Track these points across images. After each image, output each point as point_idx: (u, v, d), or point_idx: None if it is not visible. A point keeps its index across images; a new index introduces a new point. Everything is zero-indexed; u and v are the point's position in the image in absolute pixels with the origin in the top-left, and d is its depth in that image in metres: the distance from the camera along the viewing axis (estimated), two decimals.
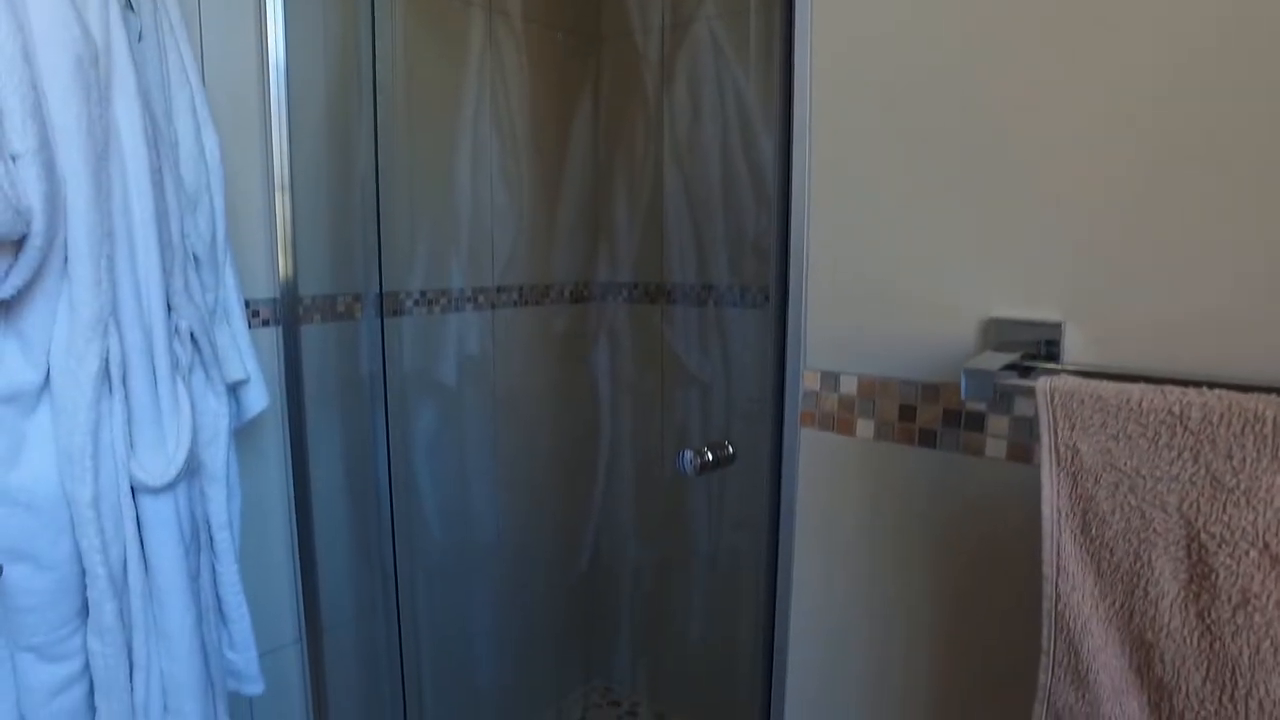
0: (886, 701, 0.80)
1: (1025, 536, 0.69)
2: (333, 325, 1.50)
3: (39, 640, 0.82)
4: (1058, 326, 0.67)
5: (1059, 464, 0.57)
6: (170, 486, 0.89)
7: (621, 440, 1.98)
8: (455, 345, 1.78)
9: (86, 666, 0.86)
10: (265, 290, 1.38)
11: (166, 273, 0.90)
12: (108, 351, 0.82)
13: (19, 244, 0.75)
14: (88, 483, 0.80)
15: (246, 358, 1.15)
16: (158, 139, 0.89)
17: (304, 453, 1.47)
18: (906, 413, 0.75)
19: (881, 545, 0.78)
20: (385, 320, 1.57)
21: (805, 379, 0.81)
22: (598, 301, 2.02)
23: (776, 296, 0.83)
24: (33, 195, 0.74)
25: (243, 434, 1.07)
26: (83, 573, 0.84)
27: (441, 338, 1.76)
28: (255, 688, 1.11)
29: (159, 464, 0.87)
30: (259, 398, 1.21)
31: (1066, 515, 0.57)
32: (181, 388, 0.92)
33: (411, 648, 1.50)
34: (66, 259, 0.80)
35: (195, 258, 1.04)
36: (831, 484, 0.80)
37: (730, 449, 0.92)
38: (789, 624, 0.85)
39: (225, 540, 1.03)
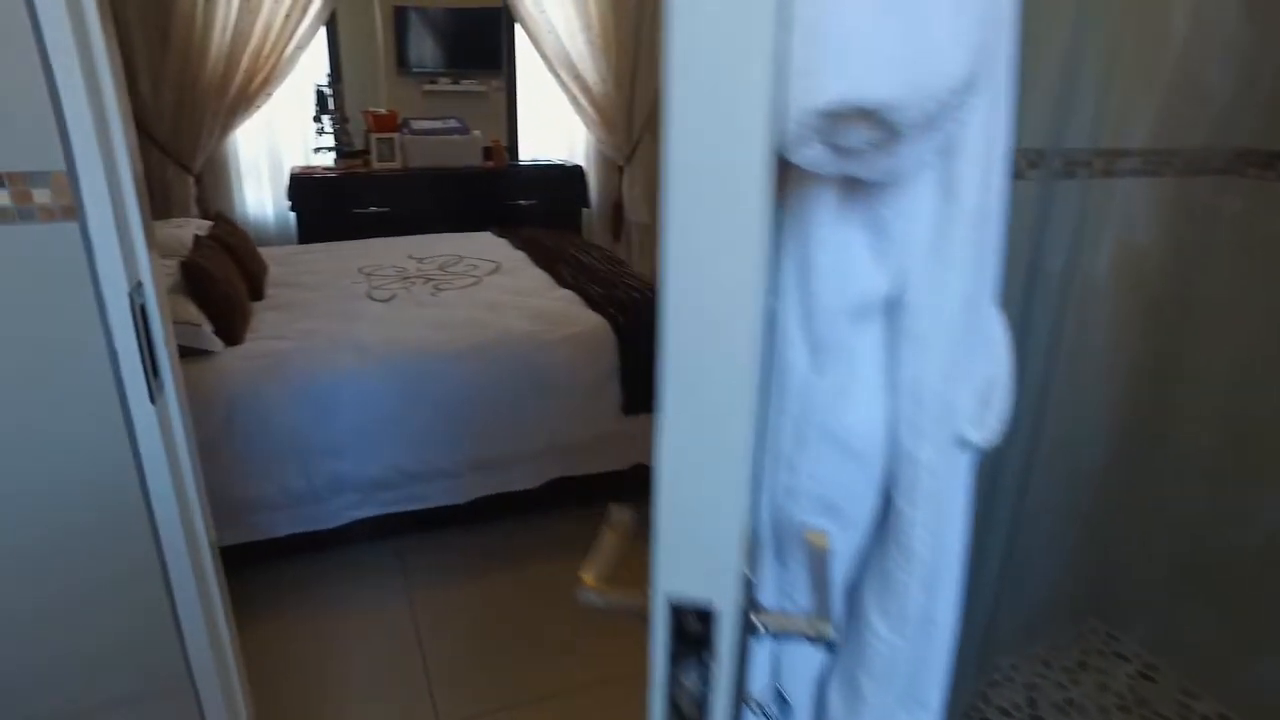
0: None
1: None
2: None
3: (804, 602, 0.67)
4: None
5: None
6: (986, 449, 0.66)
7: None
8: (1116, 222, 1.37)
9: (832, 644, 0.70)
10: None
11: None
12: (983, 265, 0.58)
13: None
14: (929, 437, 0.60)
15: None
16: None
17: None
18: None
19: None
20: (1057, 184, 1.22)
21: None
22: None
23: None
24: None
25: None
26: (873, 541, 0.65)
27: (1103, 212, 1.36)
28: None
29: (988, 417, 0.64)
30: None
31: None
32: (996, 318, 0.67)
33: None
34: None
35: None
36: None
37: None
38: None
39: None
